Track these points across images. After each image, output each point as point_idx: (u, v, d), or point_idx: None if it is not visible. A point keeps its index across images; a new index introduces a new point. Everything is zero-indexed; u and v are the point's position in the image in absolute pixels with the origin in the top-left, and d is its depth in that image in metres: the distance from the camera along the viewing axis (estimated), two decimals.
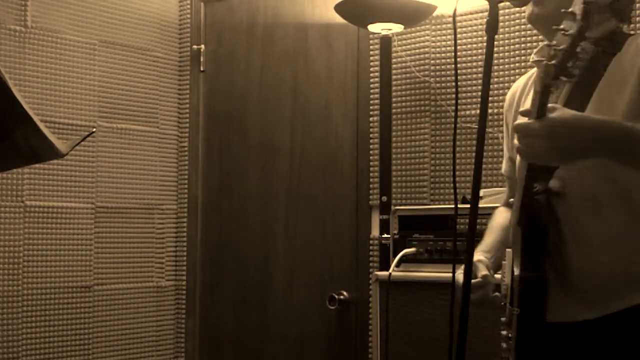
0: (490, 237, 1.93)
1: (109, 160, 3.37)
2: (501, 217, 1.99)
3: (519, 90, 1.91)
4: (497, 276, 1.81)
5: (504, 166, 2.03)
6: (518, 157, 1.80)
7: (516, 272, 1.62)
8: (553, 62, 1.36)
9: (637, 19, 2.56)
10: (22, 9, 3.11)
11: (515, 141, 1.48)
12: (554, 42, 1.36)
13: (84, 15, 3.31)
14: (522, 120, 1.49)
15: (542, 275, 1.62)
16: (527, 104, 1.85)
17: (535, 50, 1.87)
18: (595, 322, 1.62)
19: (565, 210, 1.64)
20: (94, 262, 3.31)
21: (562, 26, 1.36)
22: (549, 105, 1.42)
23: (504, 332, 1.76)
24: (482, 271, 1.77)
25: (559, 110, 1.43)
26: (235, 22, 3.58)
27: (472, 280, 1.71)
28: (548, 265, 1.62)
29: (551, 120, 1.42)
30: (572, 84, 1.52)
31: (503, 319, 1.79)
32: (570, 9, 1.35)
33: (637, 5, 2.56)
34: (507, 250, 1.83)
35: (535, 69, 1.87)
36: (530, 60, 1.85)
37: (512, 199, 1.83)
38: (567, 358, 1.66)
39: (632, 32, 1.69)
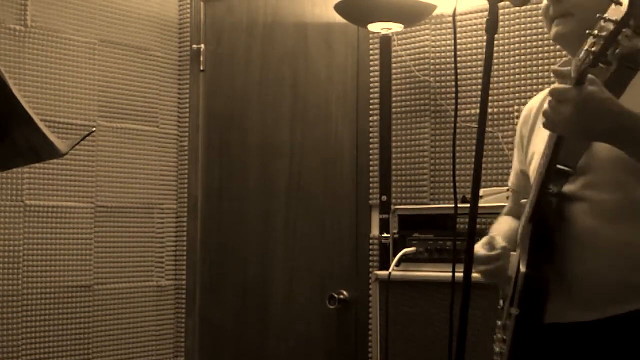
0: (498, 231, 1.91)
1: (109, 160, 3.37)
2: (506, 224, 1.95)
3: (535, 109, 1.89)
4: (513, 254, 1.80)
5: (512, 179, 2.00)
6: (536, 158, 1.78)
7: (522, 269, 1.62)
8: (593, 49, 1.34)
9: None
10: (22, 8, 3.11)
11: (545, 105, 1.48)
12: (595, 31, 1.34)
13: (84, 15, 3.31)
14: (558, 87, 1.48)
15: (545, 275, 1.62)
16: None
17: (559, 63, 1.85)
18: (591, 324, 1.63)
19: (577, 214, 1.64)
20: (94, 262, 3.31)
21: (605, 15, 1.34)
22: (590, 77, 1.41)
23: (499, 336, 1.76)
24: (501, 243, 1.75)
25: (597, 86, 1.42)
26: (235, 22, 3.58)
27: (492, 252, 1.72)
28: (552, 266, 1.63)
29: (588, 93, 1.41)
30: None
31: (499, 322, 1.79)
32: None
33: None
34: (512, 253, 1.83)
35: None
36: (552, 70, 1.84)
37: (523, 201, 1.82)
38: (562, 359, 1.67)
39: None
